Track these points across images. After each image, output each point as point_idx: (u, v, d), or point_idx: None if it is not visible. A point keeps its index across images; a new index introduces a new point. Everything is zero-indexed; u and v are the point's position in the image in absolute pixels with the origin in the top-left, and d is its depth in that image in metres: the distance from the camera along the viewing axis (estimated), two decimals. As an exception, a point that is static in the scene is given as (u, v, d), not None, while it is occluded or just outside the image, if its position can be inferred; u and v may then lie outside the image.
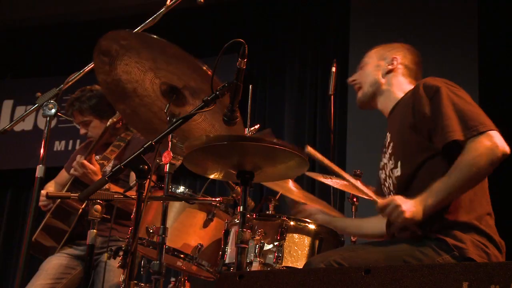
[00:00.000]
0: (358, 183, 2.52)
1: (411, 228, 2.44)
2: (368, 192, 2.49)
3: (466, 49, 5.30)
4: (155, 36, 2.43)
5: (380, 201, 2.41)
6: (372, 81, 2.75)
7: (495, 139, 2.30)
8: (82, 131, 3.93)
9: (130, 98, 2.71)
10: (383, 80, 2.73)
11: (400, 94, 2.70)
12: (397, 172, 2.56)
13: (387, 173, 2.64)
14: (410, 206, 2.32)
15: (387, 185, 2.65)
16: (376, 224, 2.83)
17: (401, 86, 2.72)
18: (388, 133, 2.71)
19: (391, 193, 2.60)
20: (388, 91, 2.73)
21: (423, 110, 2.45)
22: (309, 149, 2.43)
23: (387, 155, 2.66)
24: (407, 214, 2.31)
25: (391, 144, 2.64)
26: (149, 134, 2.82)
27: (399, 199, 2.35)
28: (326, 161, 2.50)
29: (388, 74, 2.73)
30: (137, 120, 2.81)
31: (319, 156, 2.48)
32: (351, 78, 2.84)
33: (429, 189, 2.37)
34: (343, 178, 2.52)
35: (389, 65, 2.73)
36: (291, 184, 3.31)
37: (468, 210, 2.39)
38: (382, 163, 2.71)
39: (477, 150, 2.30)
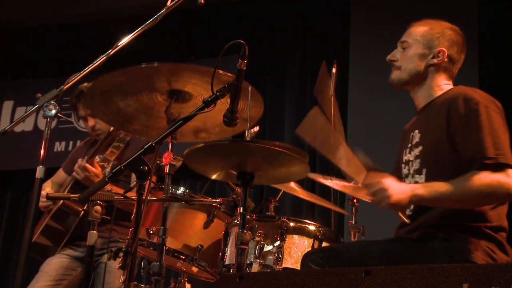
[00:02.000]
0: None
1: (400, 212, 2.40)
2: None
3: (466, 51, 5.29)
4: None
5: (369, 177, 2.37)
6: (413, 71, 2.61)
7: (510, 179, 2.25)
8: (91, 123, 3.86)
9: (135, 118, 2.73)
10: (425, 71, 2.61)
11: (437, 92, 2.60)
12: (421, 179, 2.49)
13: (410, 172, 2.57)
14: (397, 192, 2.27)
15: (407, 182, 2.56)
16: None
17: (441, 82, 2.61)
18: (416, 130, 2.60)
19: None
20: (427, 85, 2.61)
21: (459, 123, 2.38)
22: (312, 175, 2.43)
23: (413, 154, 2.57)
24: (392, 199, 2.26)
25: (420, 148, 2.54)
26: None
27: (389, 182, 2.29)
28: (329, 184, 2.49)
29: (431, 67, 2.60)
30: (152, 132, 2.82)
31: (321, 180, 2.47)
32: (392, 57, 2.67)
33: (428, 184, 2.35)
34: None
35: (435, 58, 2.60)
36: (292, 184, 3.32)
37: (484, 218, 2.36)
38: (405, 158, 2.61)
39: (495, 181, 2.24)
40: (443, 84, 2.61)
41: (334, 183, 2.86)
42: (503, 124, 2.40)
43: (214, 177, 2.61)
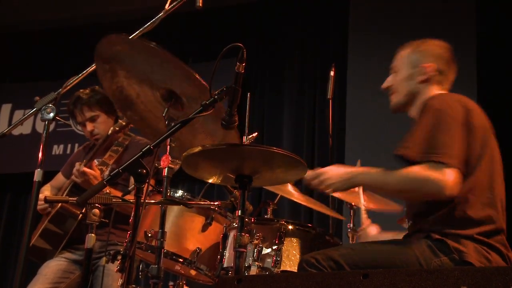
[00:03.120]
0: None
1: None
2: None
3: (465, 53, 5.30)
4: (152, 44, 2.44)
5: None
6: (406, 92, 2.70)
7: (447, 176, 2.29)
8: (89, 127, 3.87)
9: (135, 104, 2.73)
10: (417, 90, 2.69)
11: None
12: None
13: None
14: (335, 175, 2.45)
15: None
16: None
17: (433, 93, 2.66)
18: None
19: None
20: (420, 100, 2.67)
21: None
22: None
23: None
24: (329, 182, 2.45)
25: None
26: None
27: (329, 168, 2.48)
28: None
29: (422, 83, 2.68)
30: (145, 126, 2.82)
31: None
32: (385, 85, 2.79)
33: (368, 169, 2.51)
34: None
35: (422, 75, 2.68)
36: (290, 187, 3.32)
37: (482, 222, 2.37)
38: None
39: (424, 175, 2.32)
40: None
41: None
42: (461, 128, 2.41)
43: (211, 180, 2.62)
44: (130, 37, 2.49)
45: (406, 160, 2.40)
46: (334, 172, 2.49)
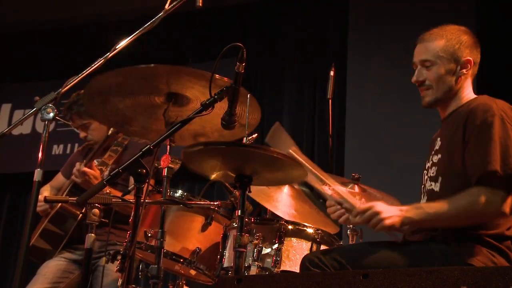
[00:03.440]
0: (340, 188, 2.53)
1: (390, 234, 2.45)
2: (348, 198, 2.49)
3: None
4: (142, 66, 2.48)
5: (360, 205, 2.40)
6: (447, 89, 2.56)
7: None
8: (82, 134, 3.91)
9: (134, 119, 2.74)
10: (457, 86, 2.57)
11: (462, 100, 2.57)
12: (436, 187, 2.49)
13: (429, 177, 2.57)
14: (390, 214, 2.32)
15: (426, 188, 2.58)
16: None
17: (467, 91, 2.59)
18: (438, 138, 2.59)
19: (423, 196, 2.58)
20: (457, 95, 2.59)
21: (473, 133, 2.37)
22: (292, 151, 2.44)
23: (431, 161, 2.57)
24: (386, 223, 2.31)
25: (439, 155, 2.53)
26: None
27: (380, 206, 2.35)
28: (308, 164, 2.49)
29: (461, 77, 2.57)
30: (151, 134, 2.83)
31: (300, 159, 2.47)
32: (419, 79, 2.59)
33: (418, 205, 2.39)
34: (325, 182, 2.53)
35: (464, 69, 2.56)
36: (287, 190, 3.32)
37: (485, 226, 2.34)
38: (427, 165, 2.60)
39: (484, 198, 2.25)
40: (467, 92, 2.59)
41: (331, 189, 2.86)
42: None
43: (212, 177, 2.61)
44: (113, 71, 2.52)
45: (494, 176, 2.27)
46: (387, 211, 2.33)
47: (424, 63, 2.58)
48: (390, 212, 2.33)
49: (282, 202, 3.29)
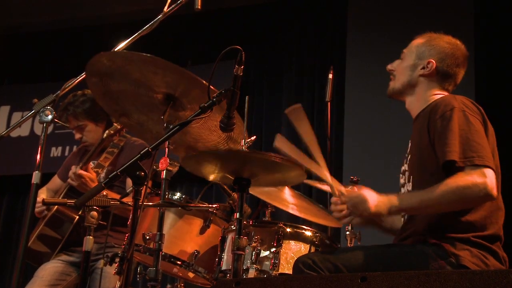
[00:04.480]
0: (327, 175, 2.53)
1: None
2: (335, 184, 2.49)
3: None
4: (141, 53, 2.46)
5: (346, 192, 2.44)
6: (405, 81, 2.67)
7: (487, 179, 2.26)
8: (77, 135, 3.91)
9: (132, 112, 2.73)
10: (415, 82, 2.66)
11: (428, 101, 2.62)
12: (409, 186, 2.55)
13: (406, 180, 2.61)
14: (377, 202, 2.35)
15: (403, 191, 2.62)
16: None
17: (432, 92, 2.64)
18: (410, 141, 2.66)
19: None
20: (418, 94, 2.65)
21: (434, 128, 2.41)
22: (279, 140, 2.45)
23: (405, 164, 2.63)
24: (372, 210, 2.35)
25: (409, 156, 2.60)
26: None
27: (367, 193, 2.38)
28: (293, 155, 2.50)
29: (422, 77, 2.65)
30: (146, 131, 2.82)
31: (286, 149, 2.49)
32: (391, 66, 2.74)
33: (403, 193, 2.43)
34: (310, 169, 2.54)
35: (423, 68, 2.64)
36: (287, 191, 3.31)
37: (479, 227, 2.36)
38: (402, 168, 2.67)
39: (467, 181, 2.26)
40: (435, 94, 2.63)
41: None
42: (479, 124, 2.41)
43: (211, 178, 2.61)
44: (119, 49, 2.51)
45: (453, 166, 2.31)
46: (374, 199, 2.37)
47: (401, 55, 2.73)
48: (377, 200, 2.37)
49: (282, 197, 3.29)
